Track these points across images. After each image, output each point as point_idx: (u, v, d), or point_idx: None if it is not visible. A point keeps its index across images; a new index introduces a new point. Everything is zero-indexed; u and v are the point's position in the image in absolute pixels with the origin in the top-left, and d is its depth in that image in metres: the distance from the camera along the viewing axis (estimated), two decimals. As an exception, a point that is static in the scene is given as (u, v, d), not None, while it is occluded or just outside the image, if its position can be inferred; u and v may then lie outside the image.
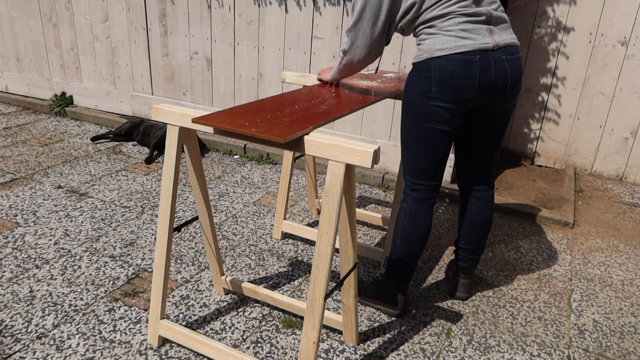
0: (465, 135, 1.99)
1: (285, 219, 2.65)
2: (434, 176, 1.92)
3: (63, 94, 4.72)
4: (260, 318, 2.05)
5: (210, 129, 1.51)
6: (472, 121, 1.92)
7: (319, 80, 2.21)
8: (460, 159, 2.07)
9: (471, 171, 2.06)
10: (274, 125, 1.44)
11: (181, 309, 2.08)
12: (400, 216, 1.99)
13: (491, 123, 1.92)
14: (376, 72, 2.48)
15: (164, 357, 1.82)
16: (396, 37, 3.29)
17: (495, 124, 1.93)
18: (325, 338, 1.96)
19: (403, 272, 2.04)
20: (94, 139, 4.00)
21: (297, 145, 1.42)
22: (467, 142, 2.00)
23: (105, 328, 1.94)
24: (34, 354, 1.79)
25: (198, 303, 2.13)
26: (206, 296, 2.17)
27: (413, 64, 1.81)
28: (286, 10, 3.55)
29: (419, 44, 1.79)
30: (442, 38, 1.71)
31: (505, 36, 1.77)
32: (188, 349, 1.86)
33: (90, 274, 2.28)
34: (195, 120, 1.48)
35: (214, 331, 1.96)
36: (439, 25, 1.71)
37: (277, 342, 1.92)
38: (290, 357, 1.85)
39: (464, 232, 2.15)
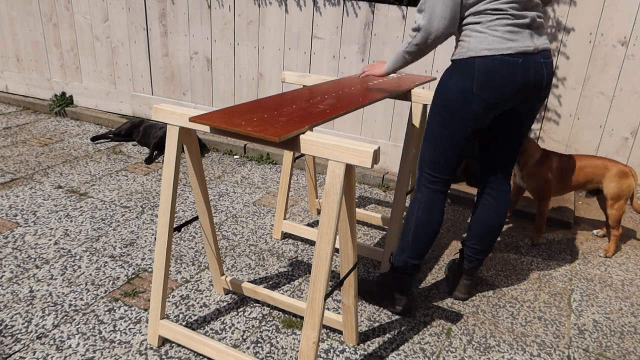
0: (491, 134, 2.01)
1: (285, 219, 2.65)
2: (452, 170, 1.95)
3: (63, 94, 4.72)
4: (260, 318, 2.05)
5: (208, 128, 1.51)
6: (500, 121, 1.95)
7: (366, 76, 2.13)
8: (484, 157, 2.08)
9: (493, 169, 2.08)
10: (270, 125, 1.44)
11: (181, 309, 2.08)
12: (414, 207, 2.00)
13: (517, 123, 1.95)
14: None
15: (164, 357, 1.82)
16: (395, 37, 3.29)
17: (520, 125, 1.96)
18: (325, 338, 1.96)
19: (409, 268, 2.05)
20: (94, 139, 4.00)
21: (293, 145, 1.42)
22: (492, 141, 2.02)
23: (105, 328, 1.94)
24: (34, 354, 1.79)
25: (198, 303, 2.13)
26: (206, 296, 2.17)
27: (454, 60, 1.82)
28: (286, 10, 3.55)
29: (461, 41, 1.79)
30: (489, 38, 1.73)
31: (543, 40, 1.82)
32: (188, 349, 1.86)
33: (90, 274, 2.28)
34: (193, 119, 1.48)
35: (214, 331, 1.96)
36: (487, 24, 1.73)
37: (277, 342, 1.92)
38: (290, 357, 1.85)
39: (476, 231, 2.13)
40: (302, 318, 2.05)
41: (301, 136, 1.40)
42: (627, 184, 2.64)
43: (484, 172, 2.11)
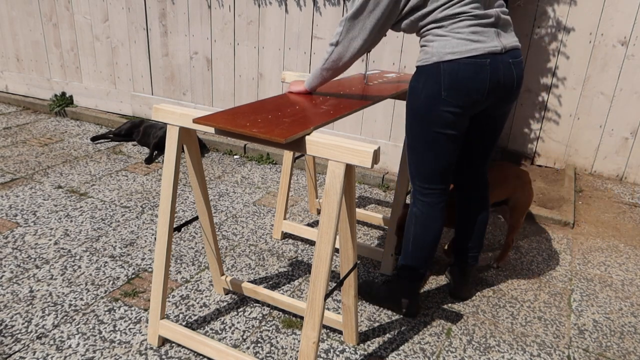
0: (470, 138, 1.98)
1: (285, 219, 2.65)
2: (444, 179, 1.90)
3: (63, 94, 4.72)
4: (260, 318, 2.05)
5: (210, 129, 1.51)
6: (478, 123, 1.92)
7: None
8: (461, 161, 2.06)
9: (466, 172, 2.07)
10: (275, 126, 1.44)
11: (181, 309, 2.08)
12: (412, 221, 1.98)
13: (489, 125, 1.92)
14: (365, 79, 2.34)
15: (164, 357, 1.82)
16: (396, 37, 3.29)
17: (492, 126, 1.93)
18: (325, 338, 1.96)
19: (415, 276, 2.05)
20: (94, 139, 4.00)
21: (298, 146, 1.42)
22: (467, 144, 2.00)
23: (105, 328, 1.94)
24: (34, 354, 1.79)
25: (198, 303, 2.13)
26: (206, 296, 2.17)
27: (418, 67, 1.77)
28: (286, 10, 3.55)
29: (424, 46, 1.74)
30: (452, 41, 1.67)
31: (510, 39, 1.76)
32: (188, 349, 1.86)
33: (90, 274, 2.28)
34: (196, 121, 1.48)
35: (214, 331, 1.96)
36: (449, 27, 1.67)
37: (277, 342, 1.92)
38: (290, 357, 1.85)
39: (465, 229, 2.14)
40: (302, 318, 2.05)
41: (307, 137, 1.40)
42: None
43: (460, 175, 2.09)
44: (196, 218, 1.92)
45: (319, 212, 3.01)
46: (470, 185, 2.09)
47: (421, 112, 1.78)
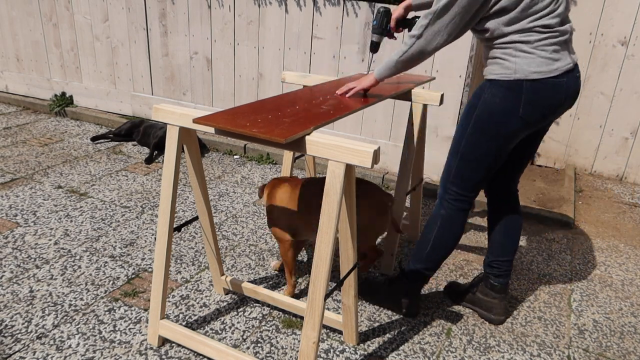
0: (516, 150, 1.96)
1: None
2: (478, 189, 1.93)
3: (63, 94, 4.72)
4: (260, 318, 2.05)
5: (210, 129, 1.51)
6: (531, 136, 1.92)
7: (346, 90, 1.94)
8: (499, 173, 2.04)
9: (505, 181, 2.05)
10: (275, 126, 1.44)
11: (181, 309, 2.08)
12: (436, 222, 1.97)
13: (534, 139, 1.93)
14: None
15: (164, 357, 1.82)
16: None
17: (535, 137, 1.94)
18: (325, 338, 1.96)
19: (421, 277, 2.05)
20: (94, 139, 4.00)
21: (298, 146, 1.42)
22: (514, 157, 1.98)
23: (105, 328, 1.94)
24: (34, 354, 1.79)
25: (198, 303, 2.13)
26: (206, 296, 2.17)
27: (496, 80, 1.73)
28: (286, 10, 3.55)
29: (502, 59, 1.70)
30: (537, 59, 1.65)
31: (574, 53, 1.75)
32: (188, 349, 1.86)
33: (90, 274, 2.28)
34: (197, 121, 1.48)
35: (214, 331, 1.96)
36: (535, 43, 1.64)
37: (277, 342, 1.92)
38: (290, 357, 1.85)
39: (499, 242, 2.08)
40: (302, 318, 2.05)
41: (307, 137, 1.40)
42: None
43: (496, 184, 2.06)
44: (196, 218, 1.92)
45: (319, 212, 3.00)
46: (504, 193, 2.07)
47: (490, 125, 1.77)
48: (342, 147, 1.35)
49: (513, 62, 1.68)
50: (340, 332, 1.99)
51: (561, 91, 1.70)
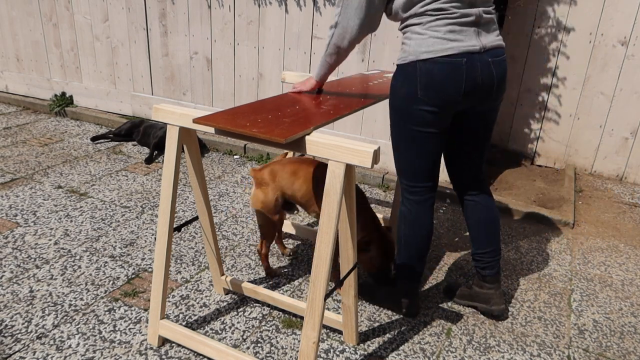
0: (457, 137, 1.95)
1: (285, 219, 2.65)
2: (429, 177, 1.90)
3: (63, 94, 4.72)
4: (260, 318, 2.05)
5: (210, 129, 1.51)
6: (459, 123, 1.89)
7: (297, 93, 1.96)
8: (450, 161, 2.03)
9: (463, 172, 2.03)
10: (275, 126, 1.44)
11: (181, 309, 2.08)
12: (401, 220, 1.98)
13: (477, 123, 1.90)
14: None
15: (164, 357, 1.82)
16: (396, 37, 3.29)
17: (481, 124, 1.90)
18: (325, 338, 1.96)
19: (411, 275, 2.03)
20: (94, 139, 4.00)
21: (298, 146, 1.42)
22: (455, 144, 1.97)
23: (105, 328, 1.94)
24: (34, 354, 1.79)
25: (198, 303, 2.13)
26: (206, 296, 2.17)
27: (397, 65, 1.77)
28: (286, 10, 3.55)
29: (403, 43, 1.74)
30: (428, 40, 1.66)
31: (491, 38, 1.74)
32: (188, 349, 1.86)
33: (90, 274, 2.28)
34: (197, 121, 1.48)
35: (214, 331, 1.96)
36: (427, 24, 1.66)
37: (277, 342, 1.92)
38: (290, 357, 1.85)
39: (476, 235, 2.07)
40: (302, 318, 2.05)
41: (307, 137, 1.40)
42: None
43: (456, 177, 2.05)
44: (196, 218, 1.92)
45: (319, 212, 3.01)
46: (469, 186, 2.06)
47: (400, 111, 1.79)
48: (342, 147, 1.35)
49: (408, 44, 1.72)
50: (340, 332, 1.99)
51: (459, 71, 1.67)
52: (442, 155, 2.02)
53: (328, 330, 2.00)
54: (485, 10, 1.71)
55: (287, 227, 2.64)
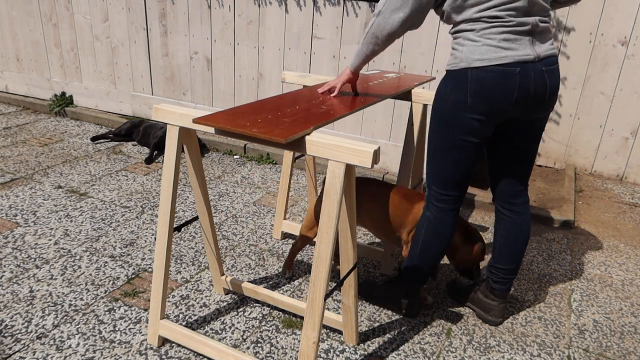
0: (499, 146, 1.90)
1: (285, 219, 2.65)
2: (460, 186, 1.88)
3: (63, 94, 4.72)
4: (260, 318, 2.05)
5: (210, 129, 1.51)
6: (506, 131, 1.85)
7: (327, 89, 1.94)
8: (496, 171, 1.97)
9: (508, 183, 1.96)
10: (275, 126, 1.44)
11: (181, 309, 2.08)
12: (423, 225, 1.94)
13: (526, 132, 1.84)
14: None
15: (164, 357, 1.82)
16: (396, 37, 3.29)
17: (530, 133, 1.85)
18: (325, 338, 1.96)
19: (418, 278, 2.03)
20: (94, 139, 4.00)
21: (298, 146, 1.42)
22: (502, 153, 1.91)
23: (105, 328, 1.94)
24: (34, 354, 1.79)
25: (198, 303, 2.13)
26: (206, 296, 2.17)
27: (447, 71, 1.73)
28: (286, 10, 3.55)
29: (454, 49, 1.70)
30: (482, 48, 1.63)
31: (546, 47, 1.70)
32: (188, 349, 1.86)
33: (90, 274, 2.28)
34: (197, 121, 1.48)
35: (214, 331, 1.96)
36: (481, 31, 1.63)
37: (277, 342, 1.92)
38: (290, 357, 1.85)
39: (503, 250, 2.01)
40: (302, 318, 2.05)
41: (307, 137, 1.40)
42: None
43: (499, 187, 1.99)
44: (196, 218, 1.92)
45: (319, 212, 3.00)
46: (508, 201, 1.99)
47: (446, 118, 1.75)
48: (342, 147, 1.35)
49: (460, 51, 1.68)
50: (340, 332, 1.99)
51: (512, 80, 1.64)
52: (488, 165, 1.99)
53: (328, 330, 2.00)
54: (542, 19, 1.67)
55: (287, 227, 2.65)
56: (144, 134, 3.91)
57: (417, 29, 1.74)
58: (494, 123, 1.75)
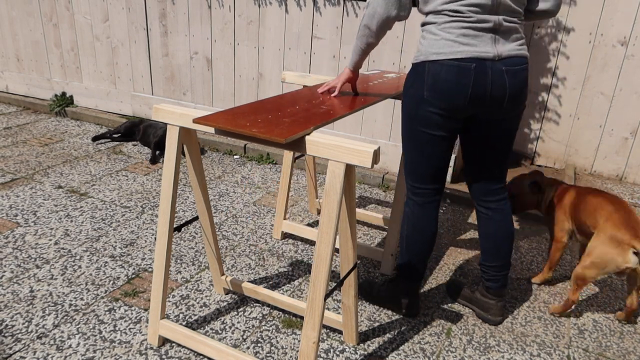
0: (470, 143, 1.90)
1: (285, 219, 2.65)
2: (435, 179, 1.87)
3: (63, 94, 4.72)
4: (260, 318, 2.05)
5: (210, 129, 1.51)
6: (474, 128, 1.83)
7: (327, 89, 1.96)
8: (469, 167, 1.98)
9: (477, 181, 1.97)
10: (275, 126, 1.44)
11: (181, 309, 2.08)
12: (404, 220, 1.97)
13: (494, 130, 1.82)
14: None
15: (164, 357, 1.82)
16: (396, 37, 3.29)
17: (499, 131, 1.83)
18: (325, 338, 1.96)
19: (412, 275, 2.03)
20: (95, 138, 4.00)
21: (298, 146, 1.42)
22: (472, 150, 1.91)
23: (106, 328, 1.94)
24: (34, 354, 1.79)
25: (198, 303, 2.13)
26: (206, 296, 2.18)
27: (412, 64, 1.76)
28: (286, 10, 3.55)
29: (419, 42, 1.73)
30: (440, 42, 1.64)
31: (510, 47, 1.68)
32: (188, 348, 1.86)
33: (91, 274, 2.28)
34: (197, 121, 1.48)
35: (214, 331, 1.97)
36: (442, 25, 1.64)
37: (277, 342, 1.92)
38: (290, 357, 1.86)
39: (486, 247, 2.02)
40: (302, 318, 2.06)
41: (307, 137, 1.40)
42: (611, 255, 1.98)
43: (473, 185, 1.99)
44: (196, 218, 1.92)
45: (319, 212, 3.01)
46: (484, 198, 1.98)
47: (410, 111, 1.78)
48: (342, 147, 1.35)
49: (422, 44, 1.71)
50: (340, 332, 1.99)
51: (466, 76, 1.63)
52: (463, 162, 2.00)
53: (328, 330, 2.00)
54: (507, 19, 1.66)
55: (287, 227, 2.65)
56: (144, 133, 3.91)
57: (408, 18, 1.77)
58: (455, 118, 1.74)
